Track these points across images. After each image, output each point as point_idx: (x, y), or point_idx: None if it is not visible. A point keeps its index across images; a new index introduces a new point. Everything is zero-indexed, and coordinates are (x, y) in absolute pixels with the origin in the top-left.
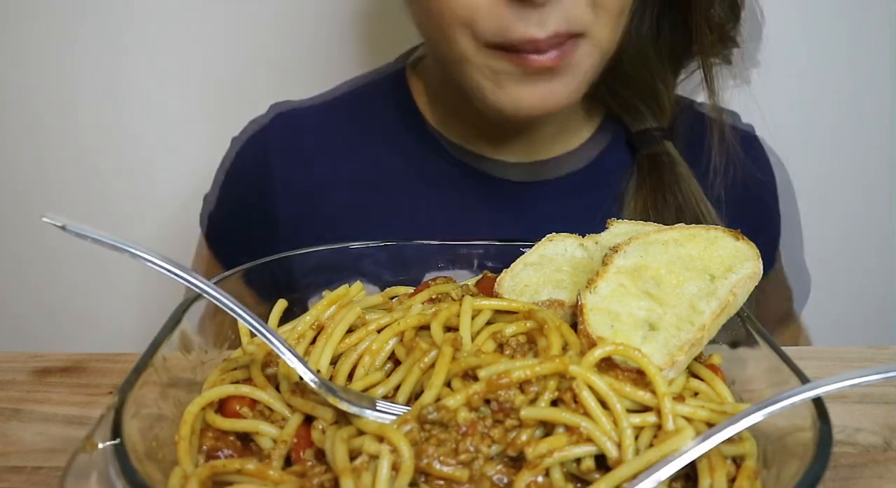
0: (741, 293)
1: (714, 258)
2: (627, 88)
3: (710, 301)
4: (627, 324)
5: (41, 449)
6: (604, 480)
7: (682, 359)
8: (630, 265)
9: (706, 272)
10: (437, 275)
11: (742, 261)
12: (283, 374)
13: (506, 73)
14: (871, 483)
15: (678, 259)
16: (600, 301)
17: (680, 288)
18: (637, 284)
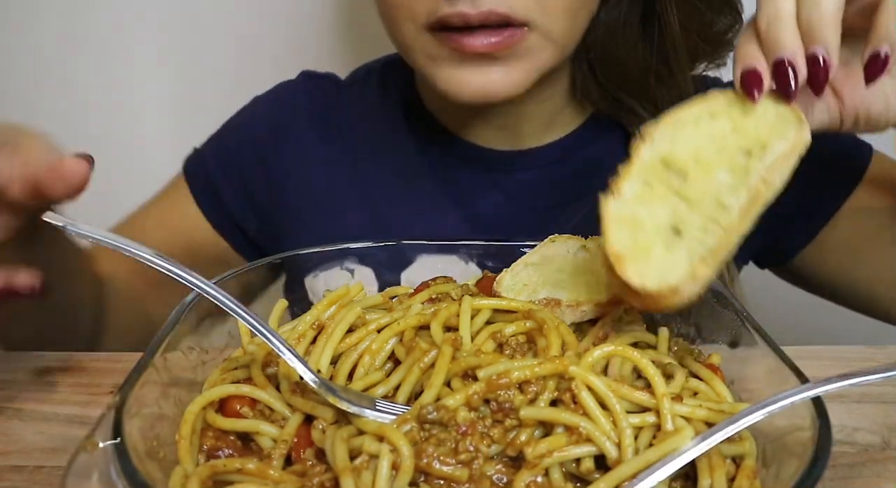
0: (777, 177)
1: (750, 130)
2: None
3: (740, 192)
4: (650, 232)
5: (42, 448)
6: (603, 480)
7: (706, 272)
8: (657, 156)
9: (741, 151)
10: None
11: (781, 132)
12: (283, 374)
13: (443, 57)
14: (870, 482)
15: (710, 139)
16: (623, 206)
17: (708, 178)
18: (663, 180)
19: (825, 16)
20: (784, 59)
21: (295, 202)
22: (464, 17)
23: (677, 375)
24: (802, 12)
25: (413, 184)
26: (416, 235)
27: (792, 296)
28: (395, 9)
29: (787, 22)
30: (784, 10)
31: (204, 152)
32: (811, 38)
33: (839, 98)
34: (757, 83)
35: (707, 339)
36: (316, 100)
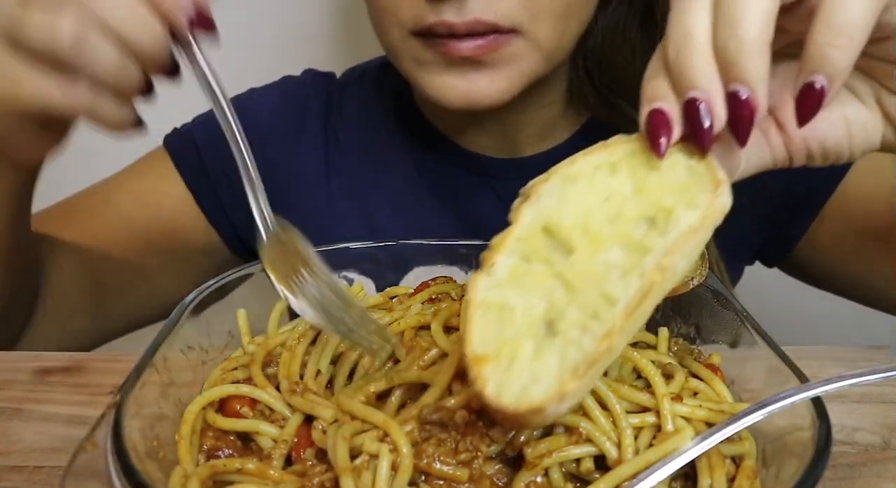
0: (679, 260)
1: (654, 191)
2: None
3: (630, 280)
4: (520, 327)
5: (42, 448)
6: (603, 480)
7: (577, 388)
8: (540, 221)
9: (640, 220)
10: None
11: (690, 197)
12: (283, 374)
13: (429, 61)
14: (870, 482)
15: (605, 201)
16: (494, 288)
17: (596, 256)
18: (544, 255)
19: (745, 41)
20: (695, 98)
21: (291, 203)
22: (449, 27)
23: (677, 375)
24: (718, 37)
25: (409, 190)
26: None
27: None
28: (382, 14)
29: (700, 49)
30: (695, 34)
31: (194, 135)
32: (729, 71)
33: (783, 130)
34: (663, 129)
35: (707, 339)
36: (320, 99)
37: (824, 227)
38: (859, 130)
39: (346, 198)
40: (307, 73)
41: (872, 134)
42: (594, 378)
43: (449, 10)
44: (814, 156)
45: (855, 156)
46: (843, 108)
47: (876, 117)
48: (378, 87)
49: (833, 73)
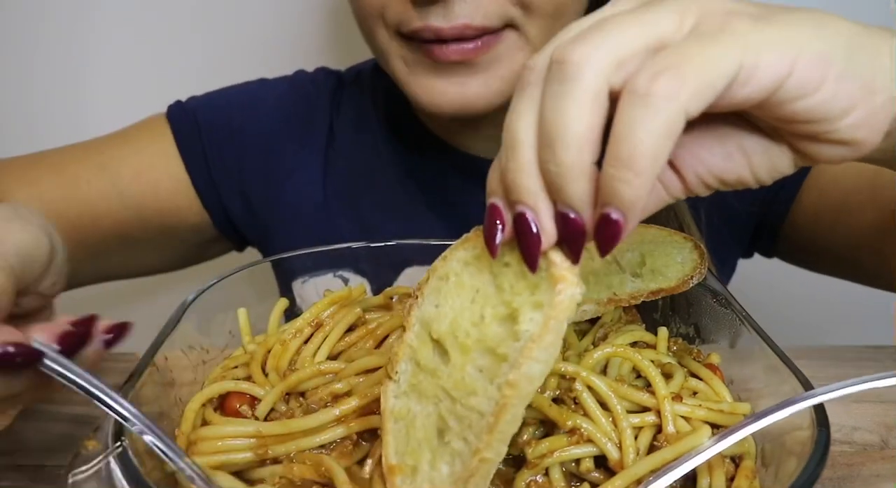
0: (530, 367)
1: (506, 288)
2: None
3: (490, 393)
4: (420, 435)
5: (44, 447)
6: (620, 477)
7: None
8: (425, 325)
9: (496, 321)
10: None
11: (534, 297)
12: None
13: (418, 63)
14: (869, 481)
15: (470, 301)
16: (400, 396)
17: (464, 364)
18: (430, 361)
19: (564, 167)
20: (522, 214)
21: (288, 199)
22: (436, 31)
23: (676, 375)
24: (539, 155)
25: (402, 192)
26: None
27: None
28: (367, 17)
29: (525, 166)
30: (521, 147)
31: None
32: (554, 193)
33: (677, 171)
34: (494, 229)
35: (706, 339)
36: (328, 98)
37: (802, 206)
38: (762, 160)
39: (340, 198)
40: (319, 71)
41: (779, 162)
42: (480, 483)
43: (435, 14)
44: (712, 187)
45: (764, 181)
46: (742, 140)
47: (781, 146)
48: (373, 89)
49: (625, 206)
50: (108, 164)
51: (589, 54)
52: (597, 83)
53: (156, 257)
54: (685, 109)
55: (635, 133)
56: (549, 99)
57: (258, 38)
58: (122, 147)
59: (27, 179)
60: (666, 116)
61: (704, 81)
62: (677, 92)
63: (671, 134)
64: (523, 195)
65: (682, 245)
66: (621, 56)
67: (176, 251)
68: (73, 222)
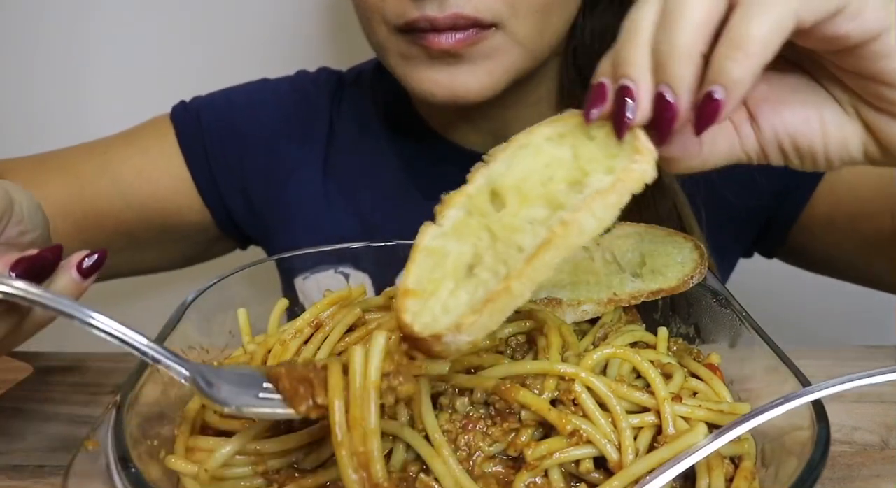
0: (585, 217)
1: (585, 159)
2: None
3: (538, 232)
4: (448, 269)
5: (43, 447)
6: (618, 477)
7: (474, 322)
8: (489, 182)
9: (567, 183)
10: None
11: (610, 164)
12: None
13: (414, 57)
14: (869, 481)
15: (545, 166)
16: (439, 236)
17: (521, 211)
18: (483, 210)
19: (676, 46)
20: (625, 87)
21: (289, 198)
22: (431, 21)
23: (676, 375)
24: (655, 36)
25: (402, 187)
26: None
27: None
28: (368, 13)
29: (639, 44)
30: (639, 29)
31: (200, 116)
32: (659, 72)
33: (755, 122)
34: (598, 101)
35: (706, 339)
36: (328, 98)
37: (815, 212)
38: (836, 134)
39: (340, 195)
40: (321, 71)
41: (851, 140)
42: (492, 316)
43: (430, 5)
44: (787, 152)
45: (833, 163)
46: (822, 109)
47: (855, 125)
48: (373, 88)
49: (730, 85)
50: (112, 164)
51: None
52: None
53: (160, 255)
54: (797, 12)
55: (751, 20)
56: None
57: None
58: (125, 147)
59: (36, 182)
60: (780, 12)
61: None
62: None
63: (782, 30)
64: (630, 69)
65: (683, 245)
66: None
67: (179, 249)
68: (78, 222)
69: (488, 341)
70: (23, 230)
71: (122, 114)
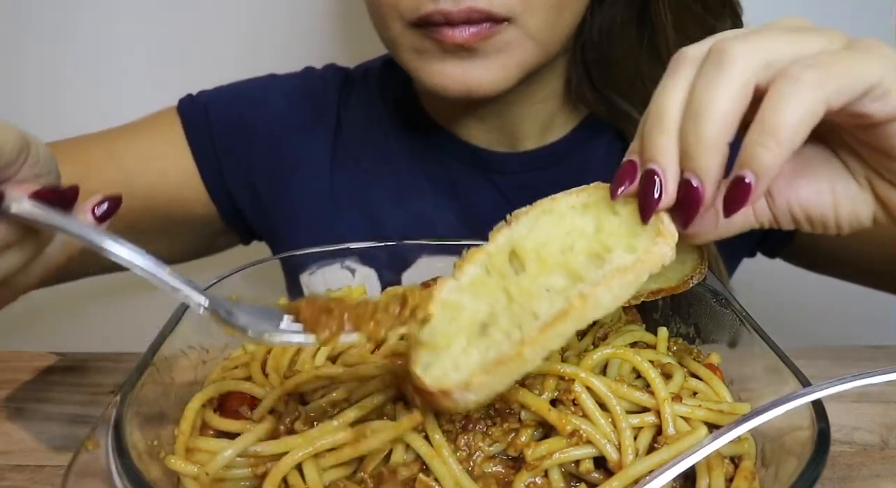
0: (603, 293)
1: (608, 233)
2: (617, 94)
3: (556, 302)
4: (462, 324)
5: (43, 448)
6: (617, 477)
7: (483, 382)
8: (510, 242)
9: (588, 255)
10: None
11: (633, 242)
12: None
13: (427, 51)
14: (869, 481)
15: (566, 234)
16: (456, 290)
17: (540, 278)
18: (502, 270)
19: (702, 139)
20: (652, 171)
21: (295, 193)
22: (445, 15)
23: (676, 375)
24: (683, 125)
25: (410, 184)
26: (412, 235)
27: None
28: (382, 8)
29: (667, 131)
30: (667, 115)
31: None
32: (686, 160)
33: (769, 194)
34: (626, 179)
35: (706, 339)
36: (336, 94)
37: None
38: (847, 206)
39: (348, 191)
40: (328, 68)
41: (861, 210)
42: (502, 378)
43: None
44: (798, 221)
45: (843, 229)
46: (835, 182)
47: (867, 196)
48: (381, 84)
49: (760, 171)
50: (118, 153)
51: (746, 51)
52: (748, 74)
53: (164, 248)
54: (827, 99)
55: (782, 107)
56: (703, 79)
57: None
58: (132, 137)
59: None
60: (811, 100)
61: (848, 82)
62: (824, 83)
63: (812, 116)
64: (658, 154)
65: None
66: (772, 59)
67: (183, 242)
68: None
69: None
70: (38, 173)
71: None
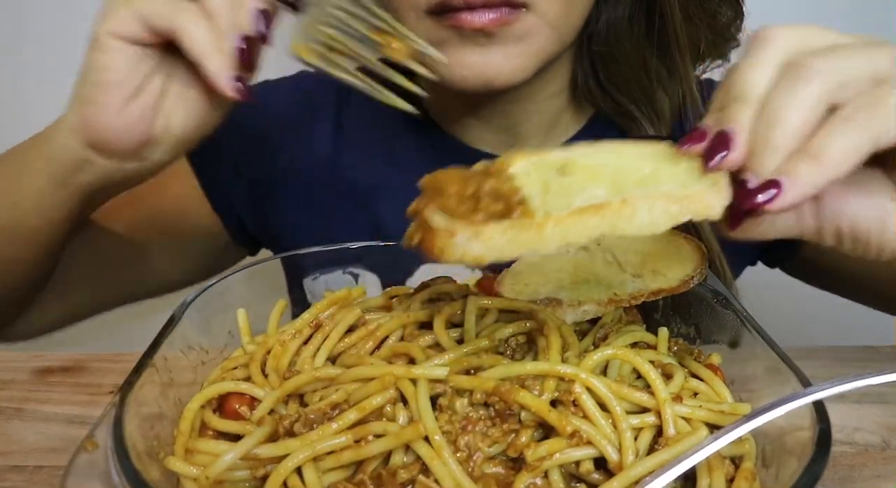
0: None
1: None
2: (622, 92)
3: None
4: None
5: (42, 448)
6: (617, 478)
7: (489, 234)
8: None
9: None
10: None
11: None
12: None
13: (444, 40)
14: (869, 482)
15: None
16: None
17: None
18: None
19: (770, 143)
20: (728, 132)
21: (295, 199)
22: (467, 1)
23: (676, 375)
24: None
25: (414, 187)
26: None
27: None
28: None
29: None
30: (751, 92)
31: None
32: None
33: (819, 203)
34: (694, 139)
35: (707, 339)
36: (331, 95)
37: None
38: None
39: (350, 193)
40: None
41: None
42: (510, 243)
43: None
44: (843, 236)
45: (883, 253)
46: (886, 201)
47: None
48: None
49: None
50: None
51: (825, 70)
52: (823, 93)
53: (175, 266)
54: (877, 139)
55: (833, 138)
56: (782, 86)
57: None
58: None
59: None
60: (861, 139)
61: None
62: (880, 125)
63: (858, 153)
64: (735, 124)
65: (683, 245)
66: (847, 79)
67: (195, 260)
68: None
69: (487, 341)
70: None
71: None
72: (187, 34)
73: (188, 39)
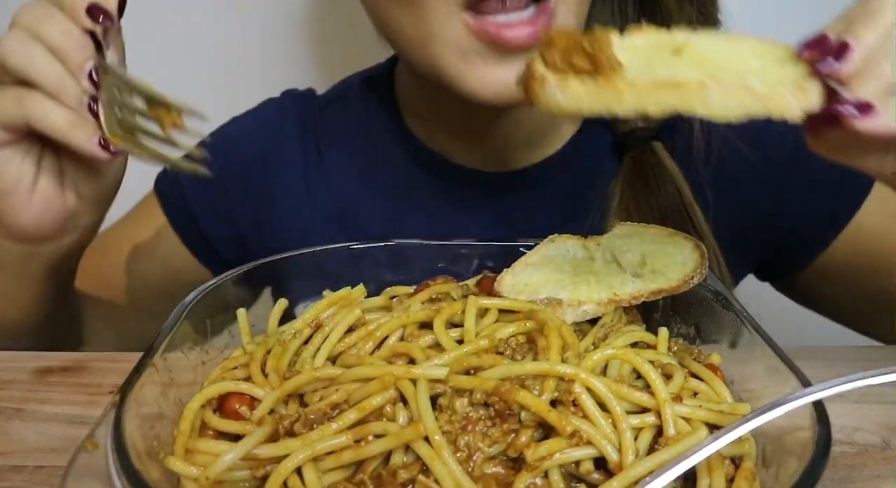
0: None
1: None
2: None
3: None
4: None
5: (42, 448)
6: (617, 479)
7: (577, 87)
8: (685, 39)
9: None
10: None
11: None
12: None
13: (476, 53)
14: (870, 482)
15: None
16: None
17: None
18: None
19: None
20: (847, 44)
21: (280, 229)
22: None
23: (676, 375)
24: (879, 48)
25: (398, 206)
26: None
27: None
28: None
29: (876, 29)
30: (883, 17)
31: (179, 177)
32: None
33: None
34: (815, 45)
35: (707, 339)
36: (301, 121)
37: (833, 258)
38: None
39: (332, 216)
40: (286, 95)
41: None
42: (590, 94)
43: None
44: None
45: None
46: None
47: None
48: (363, 104)
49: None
50: (109, 245)
51: None
52: None
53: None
54: None
55: None
56: None
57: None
58: (119, 225)
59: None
60: None
61: None
62: None
63: None
64: (859, 40)
65: (683, 245)
66: None
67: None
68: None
69: (487, 341)
70: None
71: None
72: (42, 122)
73: (45, 126)
